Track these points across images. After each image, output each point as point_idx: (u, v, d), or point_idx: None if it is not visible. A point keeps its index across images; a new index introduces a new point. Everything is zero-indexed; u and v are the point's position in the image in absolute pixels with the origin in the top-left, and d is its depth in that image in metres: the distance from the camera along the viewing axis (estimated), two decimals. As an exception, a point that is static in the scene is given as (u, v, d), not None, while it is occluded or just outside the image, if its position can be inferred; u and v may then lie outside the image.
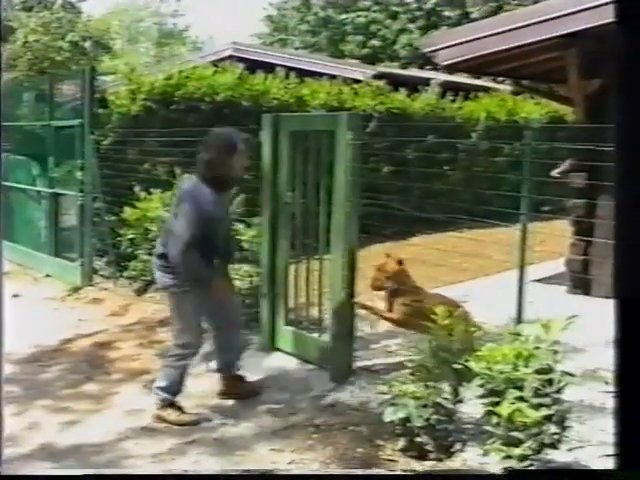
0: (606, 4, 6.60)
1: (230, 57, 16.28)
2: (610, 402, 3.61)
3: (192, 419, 5.07)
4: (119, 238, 8.52)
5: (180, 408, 5.13)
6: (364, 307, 5.63)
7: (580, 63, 7.56)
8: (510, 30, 7.50)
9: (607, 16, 6.55)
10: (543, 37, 7.28)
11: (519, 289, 4.73)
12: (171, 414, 5.06)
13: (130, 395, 5.55)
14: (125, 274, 8.59)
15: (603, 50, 7.35)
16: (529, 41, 7.40)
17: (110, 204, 8.73)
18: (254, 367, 5.82)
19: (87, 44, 20.76)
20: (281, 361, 6.00)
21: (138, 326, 7.24)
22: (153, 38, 41.95)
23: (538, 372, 3.72)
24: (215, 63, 13.32)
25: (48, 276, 9.49)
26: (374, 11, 33.63)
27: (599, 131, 6.79)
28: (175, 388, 5.14)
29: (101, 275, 9.05)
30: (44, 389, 5.69)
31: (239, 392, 5.43)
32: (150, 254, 7.97)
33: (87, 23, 22.49)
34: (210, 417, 5.10)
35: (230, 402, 5.33)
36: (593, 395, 4.73)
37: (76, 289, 8.74)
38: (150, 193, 8.17)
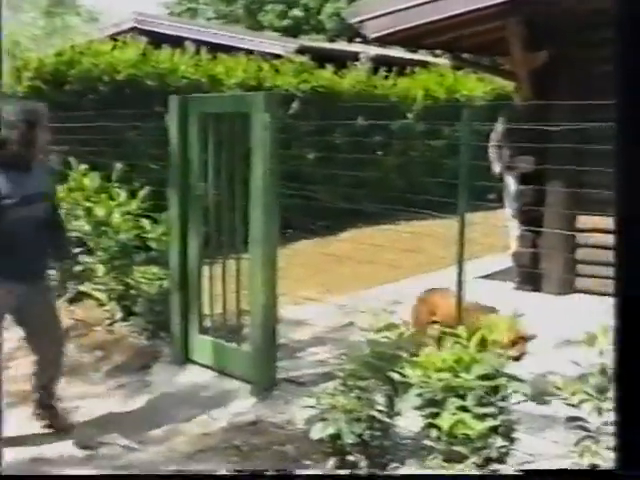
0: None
1: (132, 29, 16.16)
2: (562, 410, 3.70)
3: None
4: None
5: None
6: None
7: (524, 33, 7.64)
8: (444, -3, 7.55)
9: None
10: (480, 5, 7.32)
11: (458, 287, 4.78)
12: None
13: None
14: None
15: (549, 18, 7.49)
16: (465, 10, 7.44)
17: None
18: (165, 382, 5.78)
19: (-39, 15, 20.25)
20: (195, 374, 5.96)
21: None
22: (41, 7, 41.16)
23: (482, 378, 3.75)
24: (115, 37, 13.17)
25: None
26: (296, -23, 33.65)
27: (547, 109, 6.96)
28: None
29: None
30: None
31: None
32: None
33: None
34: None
35: (135, 424, 5.27)
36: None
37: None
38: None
